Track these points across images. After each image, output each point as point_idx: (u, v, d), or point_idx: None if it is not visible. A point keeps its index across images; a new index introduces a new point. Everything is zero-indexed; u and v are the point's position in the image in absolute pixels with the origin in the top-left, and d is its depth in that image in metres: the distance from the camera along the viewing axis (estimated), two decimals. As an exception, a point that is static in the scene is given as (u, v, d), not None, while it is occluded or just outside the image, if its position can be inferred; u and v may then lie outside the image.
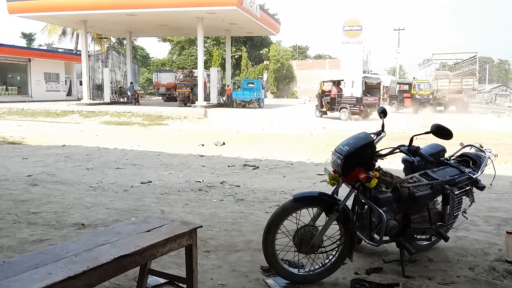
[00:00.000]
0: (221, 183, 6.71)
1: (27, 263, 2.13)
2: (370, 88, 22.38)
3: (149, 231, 2.68)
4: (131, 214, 4.84)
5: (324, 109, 22.84)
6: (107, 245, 2.43)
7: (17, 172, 7.38)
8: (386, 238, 3.32)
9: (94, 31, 39.38)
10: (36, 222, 4.46)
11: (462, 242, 4.06)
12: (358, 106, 20.37)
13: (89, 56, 33.80)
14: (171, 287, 3.04)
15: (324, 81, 24.83)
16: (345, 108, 20.99)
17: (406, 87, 31.64)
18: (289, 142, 12.08)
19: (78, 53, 40.36)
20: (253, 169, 8.10)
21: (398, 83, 32.94)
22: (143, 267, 2.87)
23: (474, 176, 3.66)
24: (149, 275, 2.97)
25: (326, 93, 23.23)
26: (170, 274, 3.07)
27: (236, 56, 52.12)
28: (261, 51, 55.55)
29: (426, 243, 3.81)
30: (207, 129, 15.59)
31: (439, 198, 3.60)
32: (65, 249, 2.36)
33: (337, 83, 22.77)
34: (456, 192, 3.54)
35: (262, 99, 35.12)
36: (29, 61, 36.78)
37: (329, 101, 22.51)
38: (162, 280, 3.07)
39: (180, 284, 3.00)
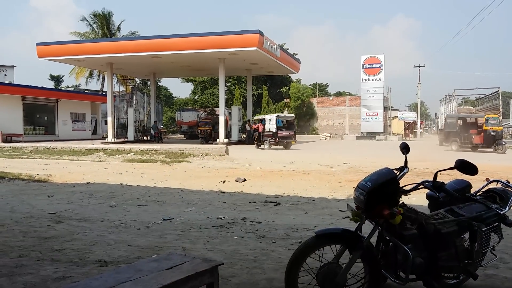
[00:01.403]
0: (243, 219, 6.68)
1: (51, 300, 2.15)
2: (287, 124, 27.62)
3: (170, 268, 2.69)
4: (153, 251, 4.84)
5: (256, 142, 27.81)
6: (129, 283, 2.44)
7: (42, 209, 7.52)
8: (412, 276, 3.22)
9: (119, 73, 40.77)
10: (59, 259, 4.50)
11: (491, 281, 3.91)
12: (274, 138, 25.89)
13: (114, 96, 34.88)
14: (192, 326, 2.99)
15: (255, 120, 30.34)
16: (266, 140, 26.51)
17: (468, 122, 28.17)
18: (310, 178, 12.01)
19: (103, 93, 41.71)
20: (274, 205, 8.05)
21: (460, 118, 29.00)
22: (164, 304, 2.85)
23: (501, 212, 3.57)
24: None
25: (255, 129, 28.70)
26: (192, 312, 3.03)
27: (256, 94, 52.86)
28: (281, 89, 56.23)
29: (454, 281, 3.68)
30: (229, 165, 15.66)
31: (467, 235, 3.50)
32: (87, 286, 2.38)
33: (262, 121, 27.98)
34: (483, 229, 3.44)
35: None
36: (57, 102, 38.11)
37: (257, 136, 27.74)
38: (183, 319, 3.02)
39: (202, 323, 2.95)
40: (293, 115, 30.31)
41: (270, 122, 26.78)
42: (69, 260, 4.45)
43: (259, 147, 27.11)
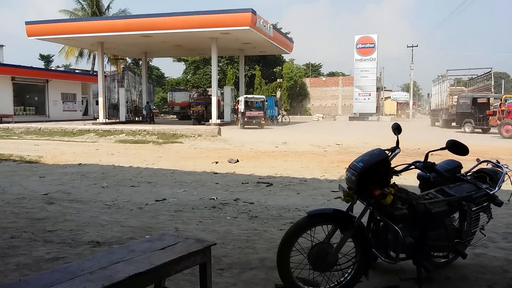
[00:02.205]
0: (235, 200, 6.71)
1: (43, 281, 2.15)
2: (254, 105, 29.69)
3: (163, 248, 2.69)
4: (146, 231, 4.85)
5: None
6: (121, 263, 2.44)
7: (33, 190, 7.49)
8: (402, 255, 3.27)
9: (110, 52, 40.23)
10: (52, 240, 4.50)
11: (480, 259, 3.98)
12: (242, 118, 27.98)
13: (105, 76, 34.46)
14: (185, 305, 3.02)
15: (236, 101, 32.11)
16: (239, 119, 28.75)
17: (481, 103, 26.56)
18: (303, 159, 12.05)
19: (94, 73, 41.24)
20: (266, 186, 8.08)
21: (475, 98, 27.13)
22: (157, 285, 2.87)
23: (491, 192, 3.61)
24: (163, 293, 2.96)
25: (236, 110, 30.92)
26: (184, 292, 3.06)
27: (249, 75, 52.56)
28: (274, 69, 55.93)
29: (443, 260, 3.74)
30: (221, 146, 15.65)
31: (456, 215, 3.54)
32: (80, 267, 2.38)
33: (237, 102, 30.59)
34: (473, 209, 3.48)
35: (276, 117, 35.26)
36: (47, 82, 37.64)
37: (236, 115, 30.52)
38: (176, 298, 3.05)
39: (194, 302, 2.98)
40: (262, 96, 31.55)
41: (240, 103, 28.67)
42: (61, 241, 4.46)
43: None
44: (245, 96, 29.48)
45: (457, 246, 3.44)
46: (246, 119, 27.91)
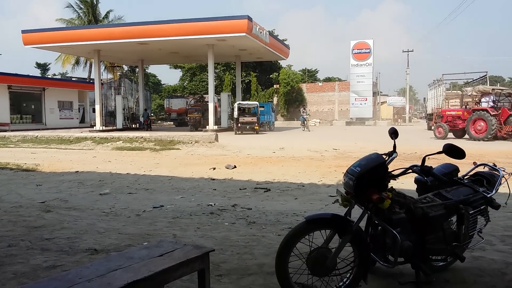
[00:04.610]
0: (233, 206, 6.70)
1: (41, 289, 2.14)
2: (247, 111, 30.18)
3: (161, 255, 2.69)
4: (144, 238, 4.84)
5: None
6: (120, 270, 2.44)
7: (30, 198, 7.46)
8: (401, 259, 3.27)
9: (107, 60, 40.26)
10: (49, 248, 4.48)
11: (478, 263, 3.98)
12: (236, 124, 28.75)
13: (102, 84, 34.47)
14: (184, 312, 3.01)
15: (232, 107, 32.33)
16: (235, 125, 29.33)
17: None
18: (300, 164, 12.06)
19: (91, 81, 41.21)
20: (264, 191, 8.08)
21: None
22: (156, 291, 2.86)
23: (488, 195, 3.62)
24: (162, 300, 2.95)
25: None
26: (183, 298, 3.05)
27: (246, 81, 52.60)
28: (271, 75, 56.02)
29: (442, 263, 3.74)
30: (218, 152, 15.64)
31: (454, 218, 3.55)
32: (78, 275, 2.37)
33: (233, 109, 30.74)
34: (470, 212, 3.49)
35: (273, 122, 35.34)
36: (43, 90, 37.58)
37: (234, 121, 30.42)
38: (175, 305, 3.04)
39: (193, 309, 2.97)
40: (255, 102, 32.16)
41: (234, 110, 29.34)
42: (59, 249, 4.44)
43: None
44: (238, 102, 30.17)
45: (455, 249, 3.44)
46: (240, 124, 28.64)
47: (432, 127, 25.40)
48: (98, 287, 2.19)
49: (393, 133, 3.51)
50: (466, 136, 22.15)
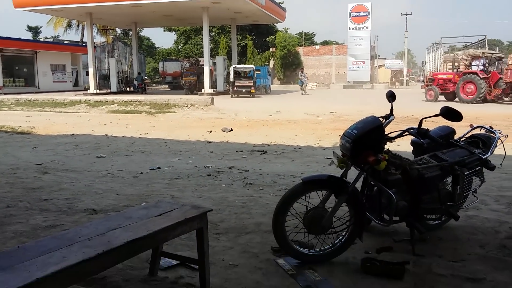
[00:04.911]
0: (230, 168, 6.73)
1: (42, 248, 2.16)
2: (244, 75, 29.78)
3: (160, 215, 2.71)
4: (142, 199, 4.88)
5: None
6: (119, 229, 2.46)
7: (27, 161, 7.46)
8: (395, 218, 3.33)
9: (99, 23, 39.41)
10: (48, 208, 4.51)
11: (472, 221, 4.06)
12: (232, 87, 28.55)
13: (95, 47, 33.86)
14: (184, 268, 3.07)
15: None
16: (231, 89, 29.13)
17: None
18: (297, 127, 12.06)
19: (83, 44, 40.48)
20: (261, 154, 8.11)
21: None
22: (155, 249, 2.91)
23: (484, 157, 3.65)
24: (162, 257, 3.01)
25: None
26: (182, 256, 3.11)
27: (242, 44, 51.82)
28: (267, 39, 55.15)
29: (436, 222, 3.81)
30: (214, 116, 15.60)
31: (449, 179, 3.59)
32: (78, 234, 2.39)
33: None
34: (466, 173, 3.53)
35: (269, 86, 35.09)
36: (36, 53, 36.94)
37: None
38: (174, 262, 3.10)
39: (192, 265, 3.03)
40: (252, 66, 31.80)
41: (230, 73, 28.96)
42: (58, 209, 4.47)
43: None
44: (234, 66, 29.76)
45: (449, 208, 3.50)
46: (236, 88, 28.35)
47: (424, 90, 25.73)
48: (99, 245, 2.21)
49: (391, 96, 3.50)
50: (457, 99, 22.37)
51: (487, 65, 22.53)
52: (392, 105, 3.38)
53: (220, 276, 2.95)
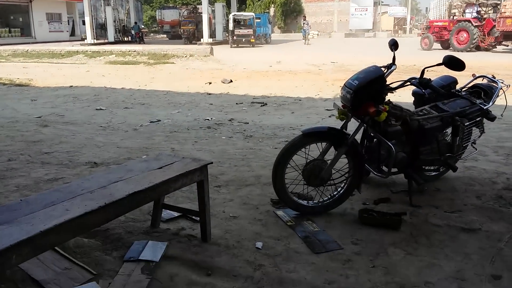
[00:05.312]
0: (230, 120, 6.72)
1: (44, 201, 2.18)
2: (243, 23, 29.11)
3: (161, 168, 2.72)
4: (142, 152, 4.91)
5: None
6: (120, 182, 2.47)
7: (26, 113, 7.44)
8: (394, 170, 3.35)
9: (93, -33, 37.89)
10: (49, 161, 4.55)
11: (470, 172, 4.09)
12: (231, 36, 27.93)
13: (90, -6, 32.78)
14: (185, 220, 3.14)
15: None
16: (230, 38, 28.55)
17: None
18: (297, 78, 11.93)
19: (78, -9, 39.18)
20: (261, 106, 8.07)
21: None
22: (156, 202, 2.96)
23: (485, 107, 3.62)
24: (163, 209, 3.06)
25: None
26: (184, 208, 3.16)
27: (241, -10, 50.19)
28: (267, -15, 53.29)
29: (434, 173, 3.85)
30: (214, 66, 15.39)
31: (449, 130, 3.58)
32: (80, 186, 2.41)
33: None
34: (466, 124, 3.51)
35: (269, 35, 34.34)
36: (30, 1, 35.83)
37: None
38: (175, 214, 3.16)
39: (193, 217, 3.09)
40: (251, 14, 31.15)
41: (229, 21, 28.30)
42: (59, 163, 4.51)
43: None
44: (233, 14, 29.01)
45: (448, 160, 3.51)
46: (235, 37, 27.70)
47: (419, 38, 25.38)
48: (101, 198, 2.23)
49: (393, 45, 3.40)
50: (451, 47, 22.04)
51: (482, 12, 21.95)
52: (394, 54, 3.30)
53: (221, 228, 3.01)
